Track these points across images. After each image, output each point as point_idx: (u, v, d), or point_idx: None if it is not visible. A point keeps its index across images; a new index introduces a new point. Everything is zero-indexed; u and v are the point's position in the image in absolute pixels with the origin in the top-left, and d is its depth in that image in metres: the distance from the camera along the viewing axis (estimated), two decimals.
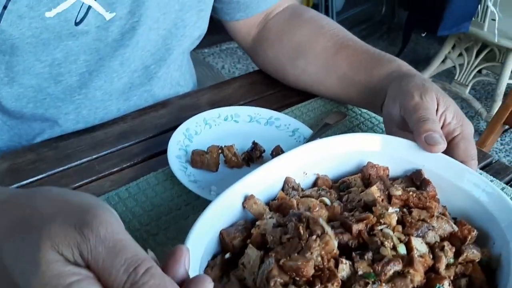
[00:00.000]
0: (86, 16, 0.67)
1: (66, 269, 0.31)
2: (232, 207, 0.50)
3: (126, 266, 0.32)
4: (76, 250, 0.32)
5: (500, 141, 2.30)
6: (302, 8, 0.88)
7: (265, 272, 0.42)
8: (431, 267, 0.46)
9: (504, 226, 0.50)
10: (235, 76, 0.95)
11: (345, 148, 0.59)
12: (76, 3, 0.65)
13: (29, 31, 0.64)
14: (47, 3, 0.63)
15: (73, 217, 0.33)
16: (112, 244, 0.32)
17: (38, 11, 0.63)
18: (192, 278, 0.34)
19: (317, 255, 0.42)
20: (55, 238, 0.32)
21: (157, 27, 0.75)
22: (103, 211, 0.34)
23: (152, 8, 0.72)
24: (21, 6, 0.62)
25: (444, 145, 0.56)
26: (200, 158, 0.65)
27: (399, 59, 0.74)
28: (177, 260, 0.34)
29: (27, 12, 0.62)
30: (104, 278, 0.32)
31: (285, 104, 0.82)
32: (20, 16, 0.62)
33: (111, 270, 0.32)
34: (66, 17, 0.65)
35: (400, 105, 0.63)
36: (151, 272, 0.32)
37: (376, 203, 0.51)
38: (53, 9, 0.64)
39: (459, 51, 2.42)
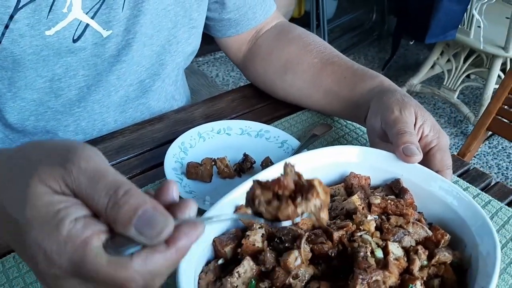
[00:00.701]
0: (83, 34, 0.71)
1: (54, 198, 0.35)
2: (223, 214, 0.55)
3: (106, 191, 0.35)
4: (62, 182, 0.35)
5: (488, 144, 2.36)
6: (290, 26, 0.92)
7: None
8: (406, 269, 0.50)
9: (474, 230, 0.54)
10: (229, 87, 0.99)
11: (329, 160, 0.63)
12: (74, 21, 0.70)
13: (30, 48, 0.68)
14: (46, 22, 0.67)
15: (58, 156, 0.36)
16: (93, 174, 0.35)
17: (38, 29, 0.67)
18: (178, 202, 0.37)
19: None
20: (42, 174, 0.35)
21: (151, 44, 0.79)
22: (85, 149, 0.37)
23: (146, 25, 0.76)
24: (22, 25, 0.66)
25: (420, 156, 0.61)
26: (194, 170, 0.69)
27: (381, 75, 0.79)
28: (164, 189, 0.37)
29: (28, 30, 0.67)
30: (89, 204, 0.35)
31: (275, 117, 0.86)
32: (21, 35, 0.66)
33: (94, 196, 0.35)
34: (64, 34, 0.69)
35: (381, 119, 0.67)
36: (130, 193, 0.35)
37: (356, 211, 0.55)
38: (52, 28, 0.68)
39: (447, 57, 2.47)
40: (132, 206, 0.34)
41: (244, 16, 0.88)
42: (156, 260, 0.35)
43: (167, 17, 0.78)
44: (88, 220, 0.35)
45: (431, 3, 2.13)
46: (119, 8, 0.72)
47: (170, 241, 0.35)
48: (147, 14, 0.75)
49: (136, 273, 0.35)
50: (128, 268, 0.34)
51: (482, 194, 0.71)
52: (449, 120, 2.55)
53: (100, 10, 0.71)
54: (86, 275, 0.35)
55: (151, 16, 0.76)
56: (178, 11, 0.80)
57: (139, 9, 0.74)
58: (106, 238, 0.35)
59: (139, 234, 0.34)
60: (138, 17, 0.74)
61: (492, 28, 2.20)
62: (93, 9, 0.71)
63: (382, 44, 3.18)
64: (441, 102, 2.64)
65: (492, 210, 0.69)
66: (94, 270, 0.34)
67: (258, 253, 0.51)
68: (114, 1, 0.72)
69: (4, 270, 0.57)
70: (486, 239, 0.51)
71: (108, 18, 0.72)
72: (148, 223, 0.34)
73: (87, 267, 0.34)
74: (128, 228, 0.34)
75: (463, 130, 2.47)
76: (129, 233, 0.34)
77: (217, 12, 0.87)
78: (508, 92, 1.28)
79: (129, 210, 0.34)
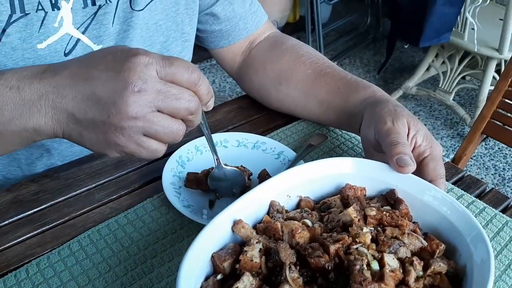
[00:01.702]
0: (75, 48, 0.72)
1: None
2: (222, 232, 0.55)
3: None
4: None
5: (484, 145, 2.37)
6: (283, 36, 0.93)
7: None
8: (401, 280, 0.51)
9: (468, 239, 0.55)
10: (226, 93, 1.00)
11: (325, 172, 0.64)
12: (65, 36, 0.71)
13: (22, 61, 0.69)
14: (38, 36, 0.68)
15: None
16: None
17: (30, 43, 0.68)
18: None
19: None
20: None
21: None
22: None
23: (136, 40, 0.77)
24: (14, 38, 0.67)
25: (414, 166, 0.62)
26: (194, 175, 0.71)
27: (373, 85, 0.80)
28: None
29: (20, 44, 0.68)
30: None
31: (271, 127, 0.87)
32: (14, 48, 0.67)
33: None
34: (56, 48, 0.71)
35: (374, 130, 0.68)
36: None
37: (352, 224, 0.56)
38: (44, 42, 0.69)
39: (442, 60, 2.49)
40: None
41: (235, 27, 0.89)
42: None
43: (159, 31, 0.79)
44: None
45: (424, 7, 2.15)
46: (109, 23, 0.74)
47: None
48: (136, 28, 0.76)
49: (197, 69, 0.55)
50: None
51: (477, 202, 0.72)
52: (445, 122, 2.56)
53: (90, 26, 0.72)
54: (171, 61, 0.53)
55: (141, 31, 0.77)
56: (170, 25, 0.81)
57: (129, 24, 0.75)
58: None
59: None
60: (127, 32, 0.75)
61: (486, 30, 2.22)
62: (84, 25, 0.72)
63: (377, 47, 3.20)
64: (437, 104, 2.66)
65: (487, 217, 0.70)
66: (176, 59, 0.54)
67: (256, 268, 0.52)
68: (104, 16, 0.73)
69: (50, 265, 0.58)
70: (480, 248, 0.52)
71: (98, 33, 0.73)
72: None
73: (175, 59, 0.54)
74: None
75: (460, 131, 2.49)
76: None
77: (208, 23, 0.88)
78: (502, 96, 1.29)
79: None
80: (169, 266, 0.61)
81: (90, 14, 0.72)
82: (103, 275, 0.59)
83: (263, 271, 0.52)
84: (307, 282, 0.51)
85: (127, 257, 0.62)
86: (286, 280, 0.50)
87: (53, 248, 0.63)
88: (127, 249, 0.63)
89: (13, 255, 0.62)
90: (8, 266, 0.61)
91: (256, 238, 0.55)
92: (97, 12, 0.72)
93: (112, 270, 0.60)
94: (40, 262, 0.61)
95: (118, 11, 0.74)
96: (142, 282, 0.59)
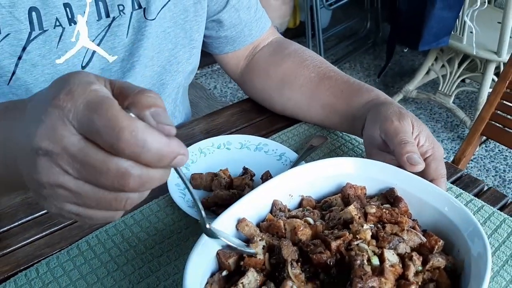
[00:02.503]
0: (91, 60, 0.74)
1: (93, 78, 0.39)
2: (226, 230, 0.57)
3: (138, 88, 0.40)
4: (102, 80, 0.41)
5: (484, 147, 2.38)
6: (286, 41, 0.95)
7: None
8: (401, 275, 0.52)
9: (466, 235, 0.56)
10: (227, 98, 1.02)
11: (326, 171, 0.66)
12: (82, 49, 0.73)
13: (42, 77, 0.71)
14: (56, 51, 0.70)
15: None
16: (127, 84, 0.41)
17: (49, 59, 0.70)
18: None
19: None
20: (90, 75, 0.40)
21: (152, 64, 0.82)
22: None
23: (148, 48, 0.79)
24: (34, 55, 0.69)
25: (422, 165, 0.64)
26: (199, 176, 0.73)
27: (376, 89, 0.81)
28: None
29: (39, 60, 0.70)
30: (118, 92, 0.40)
31: (273, 130, 0.89)
32: (34, 65, 0.69)
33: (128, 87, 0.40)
34: (74, 62, 0.73)
35: (380, 129, 0.70)
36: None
37: (353, 221, 0.58)
38: (62, 57, 0.71)
39: (442, 63, 2.51)
40: (157, 96, 0.39)
41: (240, 33, 0.91)
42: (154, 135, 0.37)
43: (167, 38, 0.81)
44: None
45: (423, 11, 2.17)
46: (123, 34, 0.75)
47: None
48: (150, 37, 0.78)
49: (137, 127, 0.36)
50: (133, 120, 0.36)
51: (475, 200, 0.74)
52: (446, 124, 2.58)
53: (105, 38, 0.74)
54: (95, 112, 0.36)
55: (152, 39, 0.79)
56: (178, 32, 0.82)
57: (142, 33, 0.77)
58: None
59: (150, 117, 0.38)
60: (141, 41, 0.77)
61: (484, 33, 2.24)
62: (98, 37, 0.74)
63: (377, 51, 3.22)
64: (437, 107, 2.67)
65: (485, 215, 0.71)
66: (105, 108, 0.36)
67: (260, 264, 0.54)
68: (118, 28, 0.75)
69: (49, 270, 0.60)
70: (477, 243, 0.54)
71: (113, 44, 0.75)
72: (159, 115, 0.38)
73: (101, 105, 0.36)
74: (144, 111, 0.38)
75: (460, 134, 2.50)
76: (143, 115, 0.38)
77: (214, 30, 0.90)
78: (500, 97, 1.30)
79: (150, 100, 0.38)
80: (176, 264, 0.62)
81: (104, 26, 0.74)
82: (111, 274, 0.61)
83: (266, 267, 0.54)
84: (310, 278, 0.53)
85: (134, 256, 0.63)
86: (289, 276, 0.51)
87: (62, 248, 0.65)
88: (134, 248, 0.65)
89: (23, 256, 0.64)
90: (18, 266, 0.63)
91: (260, 236, 0.56)
92: (111, 24, 0.74)
93: (120, 268, 0.62)
94: (49, 261, 0.62)
95: (132, 22, 0.76)
96: (150, 280, 0.60)
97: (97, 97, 0.36)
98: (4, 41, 0.66)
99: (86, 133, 0.37)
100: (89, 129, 0.36)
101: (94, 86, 0.37)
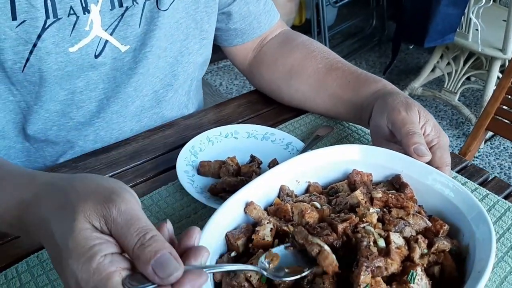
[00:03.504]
0: (104, 49, 0.75)
1: (93, 234, 0.42)
2: (235, 213, 0.58)
3: (137, 233, 0.42)
4: (102, 220, 0.42)
5: (490, 144, 2.39)
6: (294, 33, 0.96)
7: None
8: (407, 257, 0.53)
9: (470, 219, 0.57)
10: (233, 95, 1.03)
11: (333, 158, 0.67)
12: (95, 38, 0.74)
13: (55, 65, 0.72)
14: (70, 40, 0.72)
15: (102, 196, 0.43)
16: (129, 217, 0.42)
17: (62, 47, 0.71)
18: (192, 247, 0.44)
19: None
20: (87, 211, 0.42)
21: (165, 55, 0.83)
22: (125, 192, 0.44)
23: (160, 39, 0.80)
24: (48, 43, 0.70)
25: (429, 156, 0.65)
26: (207, 163, 0.74)
27: (383, 79, 0.82)
28: (189, 234, 0.45)
29: (53, 48, 0.71)
30: (121, 241, 0.42)
31: (280, 120, 0.90)
32: (48, 52, 0.71)
33: (127, 235, 0.42)
34: (87, 51, 0.74)
35: (387, 119, 0.71)
36: (155, 238, 0.42)
37: (359, 205, 0.59)
38: (75, 45, 0.72)
39: (447, 61, 2.51)
40: (154, 248, 0.41)
41: (249, 26, 0.92)
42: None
43: (179, 29, 0.82)
44: (115, 257, 0.42)
45: (428, 8, 2.18)
46: (135, 24, 0.77)
47: (177, 285, 0.41)
48: (162, 28, 0.79)
49: None
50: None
51: (480, 188, 0.75)
52: (451, 122, 2.58)
53: (118, 27, 0.75)
54: None
55: (165, 30, 0.80)
56: (190, 23, 0.83)
57: (155, 24, 0.78)
58: (127, 275, 0.42)
59: (154, 274, 0.40)
60: (153, 32, 0.78)
61: (489, 31, 2.24)
62: (111, 26, 0.75)
63: (383, 49, 3.22)
64: (442, 105, 2.68)
65: (490, 203, 0.72)
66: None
67: (268, 246, 0.55)
68: (131, 18, 0.76)
69: (28, 269, 0.61)
70: (482, 227, 0.55)
71: (125, 34, 0.76)
72: (162, 265, 0.41)
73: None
74: (147, 266, 0.40)
75: (465, 131, 2.50)
76: (146, 271, 0.41)
77: (223, 22, 0.91)
78: (506, 92, 1.31)
79: (150, 251, 0.41)
80: None
81: (117, 15, 0.75)
82: None
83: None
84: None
85: None
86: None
87: None
88: None
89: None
90: (32, 246, 0.64)
91: (267, 219, 0.57)
92: (124, 13, 0.75)
93: None
94: None
95: (145, 12, 0.77)
96: None
97: (101, 284, 0.40)
98: (20, 27, 0.68)
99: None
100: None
101: (95, 262, 0.40)
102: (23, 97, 0.75)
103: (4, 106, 0.76)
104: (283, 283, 0.51)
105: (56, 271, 0.45)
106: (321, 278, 0.50)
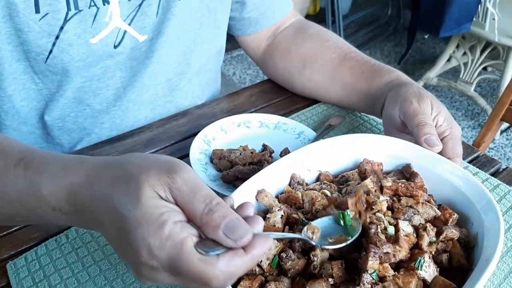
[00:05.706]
0: (123, 40, 0.77)
1: (160, 203, 0.42)
2: (247, 200, 0.59)
3: (203, 199, 0.42)
4: (167, 189, 0.43)
5: (505, 136, 2.36)
6: (308, 23, 0.97)
7: None
8: (415, 245, 0.54)
9: (479, 208, 0.58)
10: (246, 84, 1.04)
11: (344, 147, 0.67)
12: (114, 29, 0.75)
13: (77, 56, 0.74)
14: (91, 31, 0.73)
15: (164, 167, 0.44)
16: (193, 185, 0.43)
17: (84, 38, 0.73)
18: (250, 216, 0.45)
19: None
20: (152, 180, 0.42)
21: (179, 44, 0.84)
22: (185, 165, 0.45)
23: (175, 27, 0.81)
24: (70, 35, 0.72)
25: (440, 146, 0.65)
26: (220, 151, 0.76)
27: (397, 70, 0.83)
28: (244, 206, 0.46)
29: (75, 40, 0.73)
30: (188, 209, 0.42)
31: (292, 110, 0.91)
32: (70, 44, 0.72)
33: (193, 202, 0.42)
34: (107, 42, 0.75)
35: (399, 109, 0.71)
36: (221, 204, 0.42)
37: (369, 193, 0.59)
38: (96, 36, 0.74)
39: (463, 50, 2.48)
40: (222, 213, 0.42)
41: (263, 15, 0.93)
42: (236, 263, 0.41)
43: (193, 18, 0.83)
44: (185, 224, 0.42)
45: None
46: (153, 14, 0.78)
47: (248, 248, 0.42)
48: (177, 16, 0.80)
49: (220, 271, 0.41)
50: (214, 267, 0.41)
51: (491, 179, 0.75)
52: (466, 113, 2.56)
53: (135, 17, 0.76)
54: (179, 269, 0.41)
55: (179, 19, 0.81)
56: (204, 12, 0.84)
57: (172, 13, 0.79)
58: (197, 241, 0.42)
59: (225, 237, 0.41)
60: (169, 21, 0.79)
61: (507, 20, 2.20)
62: (129, 16, 0.76)
63: (398, 38, 3.20)
64: (458, 95, 2.65)
65: (501, 193, 0.72)
66: (186, 265, 0.40)
67: None
68: (148, 8, 0.77)
69: (47, 252, 0.63)
70: (490, 215, 0.55)
71: (143, 24, 0.78)
72: (233, 229, 0.41)
73: (181, 262, 0.41)
74: (217, 231, 0.41)
75: (481, 122, 2.48)
76: (217, 236, 0.41)
77: (237, 11, 0.92)
78: None
79: (219, 216, 0.41)
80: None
81: (135, 6, 0.76)
82: None
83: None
84: None
85: None
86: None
87: None
88: None
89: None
90: (49, 232, 0.66)
91: (278, 206, 0.58)
92: (142, 3, 0.76)
93: None
94: (78, 228, 0.66)
95: (162, 1, 0.78)
96: None
97: (176, 249, 0.41)
98: (43, 20, 0.69)
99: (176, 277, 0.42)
100: (179, 278, 0.42)
101: (166, 228, 0.41)
102: (45, 85, 0.77)
103: (27, 94, 0.78)
104: (293, 268, 0.52)
105: (115, 249, 0.45)
106: (330, 264, 0.51)
